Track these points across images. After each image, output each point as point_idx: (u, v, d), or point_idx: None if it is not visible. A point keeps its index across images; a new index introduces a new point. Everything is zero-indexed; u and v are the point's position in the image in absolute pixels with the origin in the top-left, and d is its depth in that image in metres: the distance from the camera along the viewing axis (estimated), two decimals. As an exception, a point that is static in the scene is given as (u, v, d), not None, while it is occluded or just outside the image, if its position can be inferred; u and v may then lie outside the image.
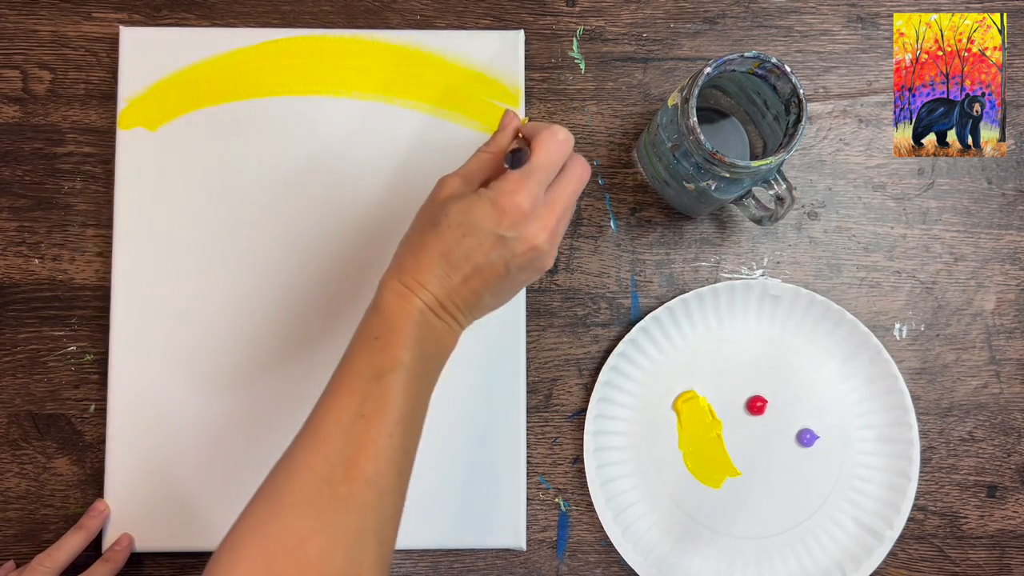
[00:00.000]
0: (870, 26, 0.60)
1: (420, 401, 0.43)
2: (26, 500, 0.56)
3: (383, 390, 0.41)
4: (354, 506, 0.39)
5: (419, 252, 0.43)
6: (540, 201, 0.43)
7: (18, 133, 0.58)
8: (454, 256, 0.42)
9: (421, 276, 0.43)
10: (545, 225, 0.43)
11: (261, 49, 0.57)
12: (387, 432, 0.41)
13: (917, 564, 0.58)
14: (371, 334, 0.43)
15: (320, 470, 0.40)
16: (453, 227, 0.42)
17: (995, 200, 0.59)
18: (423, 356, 0.43)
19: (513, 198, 0.42)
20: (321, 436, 0.41)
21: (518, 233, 0.42)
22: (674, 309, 0.56)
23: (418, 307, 0.42)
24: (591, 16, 0.59)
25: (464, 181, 0.45)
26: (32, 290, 0.57)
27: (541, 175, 0.43)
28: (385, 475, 0.40)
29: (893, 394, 0.56)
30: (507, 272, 0.43)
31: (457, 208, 0.42)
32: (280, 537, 0.39)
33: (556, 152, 0.43)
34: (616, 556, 0.57)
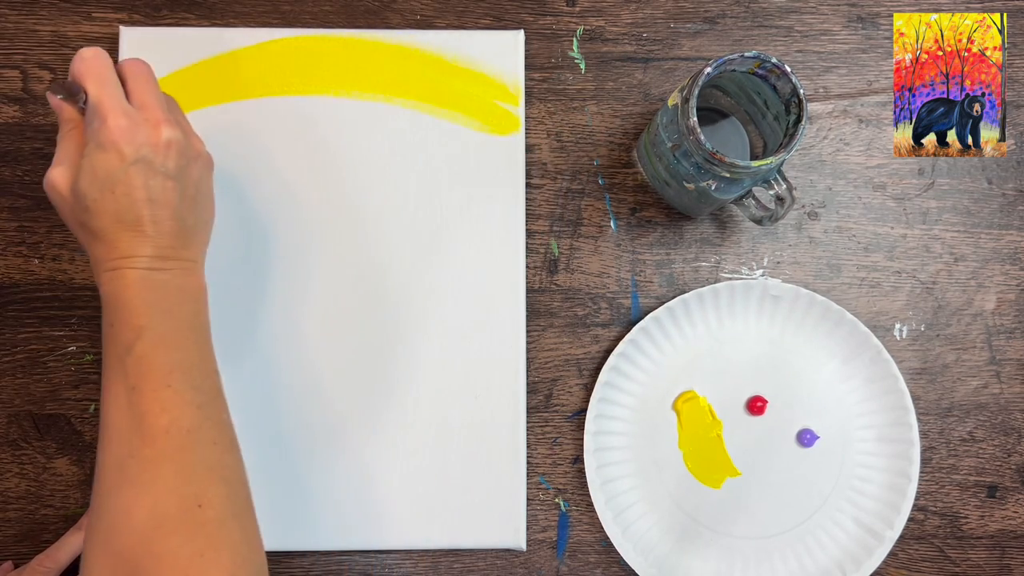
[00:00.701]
0: (870, 26, 0.60)
1: (192, 343, 0.43)
2: (26, 500, 0.56)
3: (138, 357, 0.41)
4: (164, 457, 0.39)
5: (99, 238, 0.42)
6: (131, 111, 0.42)
7: (18, 133, 0.58)
8: (125, 213, 0.42)
9: (117, 251, 0.42)
10: (156, 120, 0.42)
11: (261, 49, 0.57)
12: (163, 384, 0.41)
13: (917, 564, 0.58)
14: (107, 323, 0.42)
15: (119, 451, 0.40)
16: (98, 196, 0.41)
17: (995, 200, 0.59)
18: (167, 310, 0.42)
19: (109, 127, 0.41)
20: (109, 425, 0.41)
21: (142, 144, 0.42)
22: (674, 309, 0.56)
23: (134, 277, 0.42)
24: (591, 16, 0.59)
25: (66, 163, 0.43)
26: (32, 290, 0.57)
27: (106, 92, 0.42)
28: (183, 417, 0.40)
29: (893, 394, 0.56)
30: (176, 182, 0.43)
31: (84, 181, 0.42)
32: (109, 521, 0.39)
33: (94, 66, 0.42)
34: (616, 556, 0.57)
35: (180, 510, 0.39)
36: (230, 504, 0.40)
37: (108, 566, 0.38)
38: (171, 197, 0.43)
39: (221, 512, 0.40)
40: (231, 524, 0.40)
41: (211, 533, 0.39)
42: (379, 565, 0.56)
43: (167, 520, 0.38)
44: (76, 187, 0.42)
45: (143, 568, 0.37)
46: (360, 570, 0.56)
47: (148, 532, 0.38)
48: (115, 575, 0.38)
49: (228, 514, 0.40)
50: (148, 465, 0.39)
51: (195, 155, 0.44)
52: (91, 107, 0.42)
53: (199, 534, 0.39)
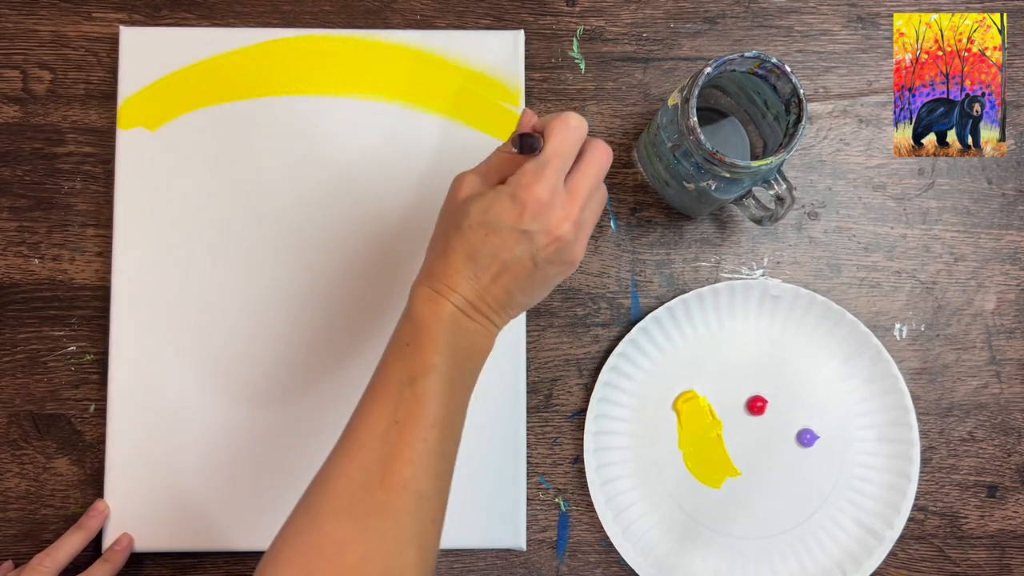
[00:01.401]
0: (870, 26, 0.60)
1: (456, 405, 0.43)
2: (26, 500, 0.56)
3: (416, 395, 0.41)
4: (392, 511, 0.39)
5: (445, 255, 0.43)
6: (560, 190, 0.42)
7: (18, 133, 0.58)
8: (480, 256, 0.42)
9: (450, 280, 0.42)
10: (568, 215, 0.42)
11: (261, 49, 0.57)
12: (422, 436, 0.40)
13: (917, 564, 0.58)
14: (403, 340, 0.42)
15: (356, 477, 0.40)
16: (475, 227, 0.42)
17: (995, 200, 0.59)
18: (456, 359, 0.42)
19: (531, 190, 0.41)
20: (357, 444, 0.41)
21: (540, 225, 0.41)
22: (674, 309, 0.56)
23: (449, 311, 0.42)
24: (591, 16, 0.59)
25: (481, 178, 0.44)
26: (32, 290, 0.57)
27: (556, 162, 0.42)
28: (422, 480, 0.40)
29: (893, 394, 0.56)
30: (535, 266, 0.43)
31: (477, 207, 0.42)
32: (319, 544, 0.39)
33: (569, 137, 0.42)
34: (616, 556, 0.57)
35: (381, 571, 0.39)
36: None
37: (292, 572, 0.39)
38: (521, 275, 0.43)
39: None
40: None
41: None
42: (379, 565, 0.56)
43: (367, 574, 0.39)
44: (469, 201, 0.42)
45: None
46: (360, 570, 0.56)
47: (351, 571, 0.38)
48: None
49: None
50: (377, 510, 0.39)
51: (568, 260, 0.44)
52: (537, 162, 0.42)
53: None
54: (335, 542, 0.39)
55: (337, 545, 0.39)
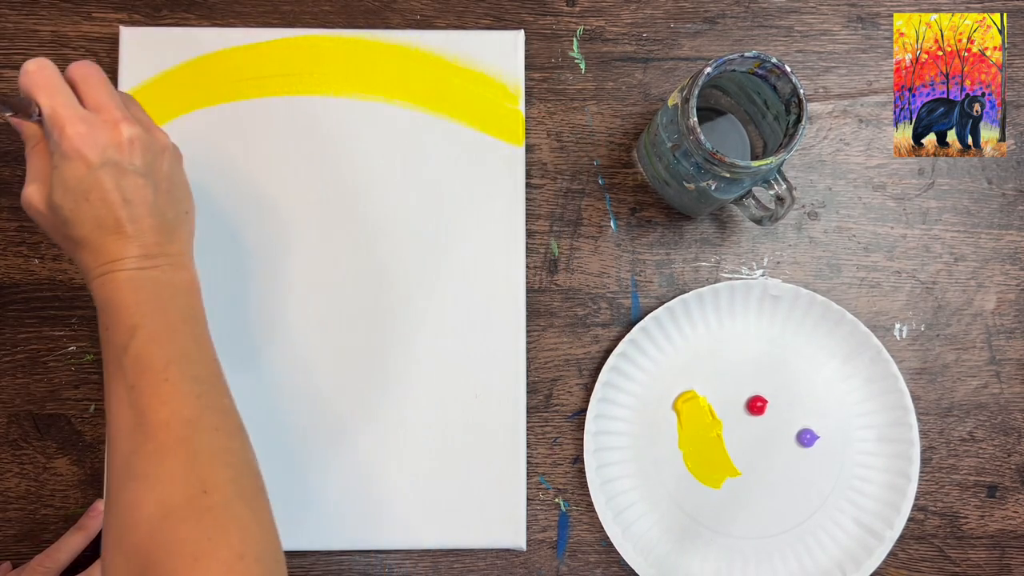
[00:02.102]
0: (870, 26, 0.60)
1: (187, 339, 0.43)
2: (26, 500, 0.56)
3: (134, 355, 0.41)
4: (168, 450, 0.40)
5: (82, 246, 0.42)
6: (88, 116, 0.42)
7: (18, 133, 0.58)
8: (103, 219, 0.42)
9: (104, 257, 0.42)
10: (113, 120, 0.42)
11: (261, 48, 0.57)
12: (161, 379, 0.41)
13: (917, 564, 0.58)
14: (103, 329, 0.43)
15: (125, 448, 0.40)
16: (72, 205, 0.42)
17: (995, 200, 0.59)
18: (159, 308, 0.42)
19: (70, 139, 0.41)
20: (113, 425, 0.41)
21: (106, 148, 0.41)
22: (674, 309, 0.56)
23: (123, 279, 0.42)
24: (591, 16, 0.59)
25: (37, 181, 0.43)
26: (32, 290, 0.57)
27: (59, 101, 0.41)
28: (183, 408, 0.41)
29: (893, 394, 0.56)
30: (146, 176, 0.43)
31: (56, 195, 0.42)
32: (121, 516, 0.39)
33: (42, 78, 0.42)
34: (616, 556, 0.57)
35: (185, 498, 0.39)
36: (236, 487, 0.40)
37: (122, 562, 0.39)
38: (145, 194, 0.43)
39: (227, 496, 0.40)
40: (238, 506, 0.40)
41: (217, 516, 0.39)
42: (379, 565, 0.56)
43: (174, 510, 0.39)
44: (51, 201, 0.42)
45: (154, 559, 0.38)
46: (360, 570, 0.56)
47: (156, 523, 0.38)
48: (129, 569, 0.38)
49: (234, 496, 0.40)
50: (152, 459, 0.40)
51: (161, 148, 0.44)
52: (47, 119, 0.41)
53: (205, 519, 0.39)
54: (128, 505, 0.39)
55: (132, 506, 0.39)
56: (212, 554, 0.38)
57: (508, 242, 0.57)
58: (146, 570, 0.38)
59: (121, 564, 0.39)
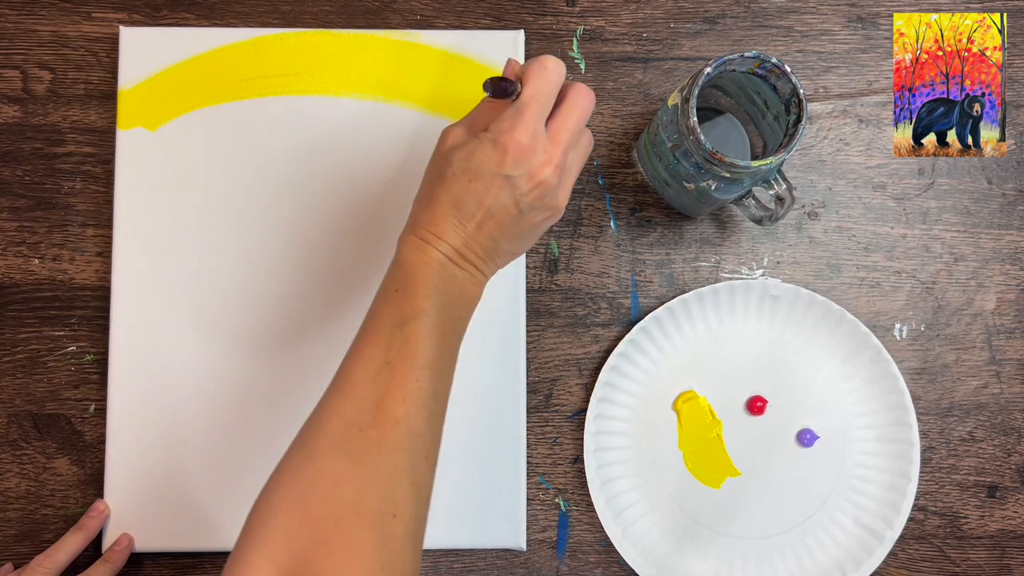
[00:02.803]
0: (870, 26, 0.60)
1: (447, 348, 0.43)
2: (26, 500, 0.56)
3: (407, 337, 0.41)
4: (385, 448, 0.40)
5: (431, 205, 0.43)
6: (541, 134, 0.42)
7: (18, 133, 0.58)
8: (465, 203, 0.42)
9: (436, 228, 0.42)
10: (550, 159, 0.42)
11: (261, 45, 0.57)
12: (414, 376, 0.41)
13: (917, 564, 0.58)
14: (392, 287, 0.43)
15: (349, 416, 0.40)
16: (459, 174, 0.42)
17: (995, 200, 0.59)
18: (445, 304, 0.42)
19: (511, 135, 0.41)
20: (349, 385, 0.41)
21: (523, 170, 0.41)
22: (674, 309, 0.56)
23: (436, 258, 0.42)
24: (591, 16, 0.59)
25: (466, 129, 0.44)
26: (32, 290, 0.57)
27: (535, 106, 0.42)
28: (415, 417, 0.41)
29: (893, 394, 0.56)
30: (519, 212, 0.43)
31: (460, 155, 0.42)
32: (314, 481, 0.39)
33: (545, 80, 0.42)
34: (616, 556, 0.57)
35: (379, 511, 0.39)
36: (416, 527, 0.40)
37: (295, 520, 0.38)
38: (505, 221, 0.43)
39: (409, 531, 0.40)
40: (411, 548, 0.40)
41: (397, 551, 0.39)
42: (379, 565, 0.56)
43: (366, 514, 0.38)
44: (455, 150, 0.42)
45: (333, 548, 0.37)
46: (360, 570, 0.56)
47: (348, 515, 0.38)
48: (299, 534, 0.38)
49: (413, 536, 0.40)
50: (371, 447, 0.39)
51: (552, 206, 0.44)
52: (515, 107, 0.42)
53: (388, 546, 0.39)
54: (330, 478, 0.39)
55: (332, 480, 0.39)
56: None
57: (508, 242, 0.57)
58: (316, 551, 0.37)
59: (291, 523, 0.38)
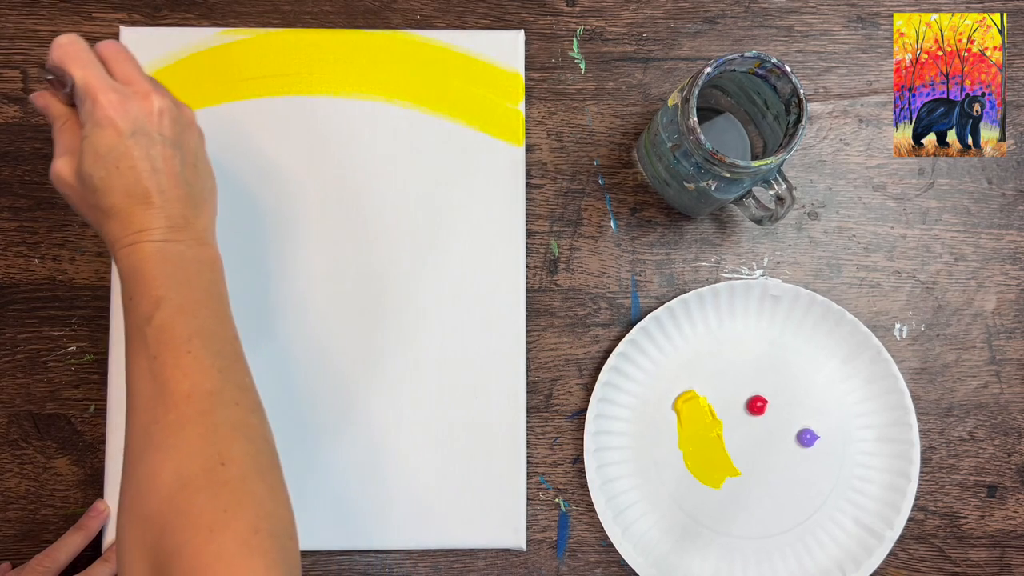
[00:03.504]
0: (870, 26, 0.60)
1: (208, 314, 0.43)
2: (26, 500, 0.56)
3: (158, 327, 0.41)
4: (188, 421, 0.40)
5: (110, 215, 0.43)
6: (118, 86, 0.43)
7: (18, 133, 0.58)
8: (133, 187, 0.42)
9: (134, 226, 0.43)
10: (144, 91, 0.43)
11: (261, 44, 0.57)
12: (184, 351, 0.41)
13: (917, 564, 0.58)
14: (126, 297, 0.43)
15: (145, 418, 0.41)
16: (105, 175, 0.42)
17: (995, 200, 0.59)
18: (186, 280, 0.43)
19: (103, 109, 0.42)
20: (133, 394, 0.42)
21: (137, 118, 0.42)
22: (674, 309, 0.56)
23: (151, 249, 0.43)
24: (591, 16, 0.59)
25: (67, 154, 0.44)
26: (32, 290, 0.57)
27: (92, 73, 0.42)
28: (204, 381, 0.41)
29: (893, 394, 0.56)
30: (174, 151, 0.43)
31: (87, 161, 0.42)
32: (139, 489, 0.40)
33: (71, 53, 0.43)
34: (616, 556, 0.57)
35: (203, 469, 0.39)
36: (253, 462, 0.41)
37: (137, 529, 0.39)
38: (173, 164, 0.44)
39: (244, 469, 0.40)
40: (255, 481, 0.40)
41: (234, 489, 0.39)
42: (379, 565, 0.56)
43: (191, 480, 0.39)
44: (81, 171, 0.43)
45: (170, 527, 0.38)
46: (360, 570, 0.56)
47: (173, 492, 0.38)
48: (144, 537, 0.38)
49: (252, 471, 0.40)
50: (172, 429, 0.40)
51: (188, 122, 0.45)
52: (80, 89, 0.42)
53: (222, 491, 0.39)
54: (149, 476, 0.39)
55: (151, 476, 0.39)
56: (227, 526, 0.38)
57: (508, 242, 0.57)
58: (161, 539, 0.38)
59: (136, 533, 0.39)
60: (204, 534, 0.37)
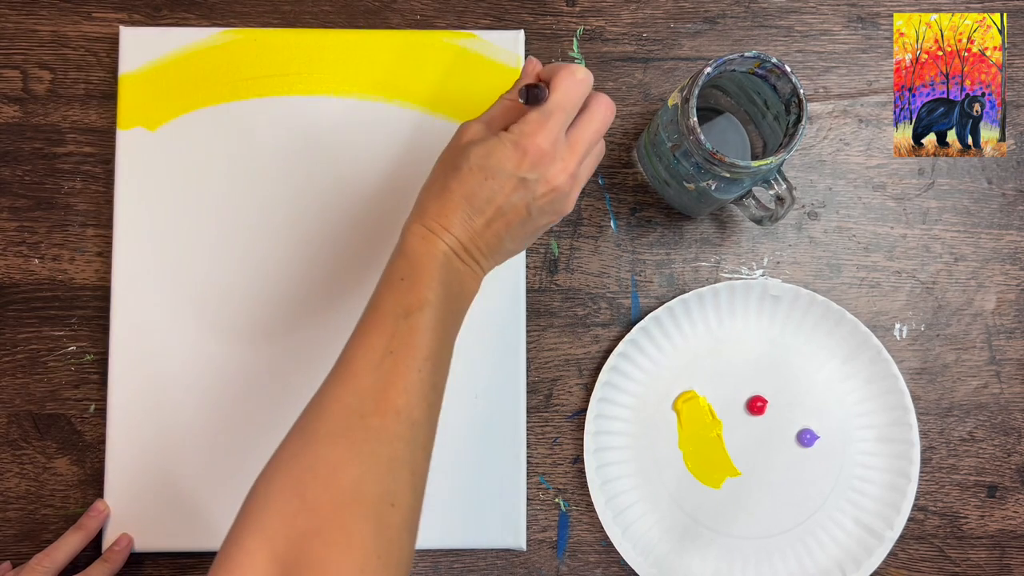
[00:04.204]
0: (870, 26, 0.60)
1: (446, 340, 0.43)
2: (26, 500, 0.56)
3: (411, 328, 0.41)
4: (385, 437, 0.40)
5: (442, 195, 0.43)
6: (561, 141, 0.42)
7: (18, 133, 0.58)
8: (477, 199, 0.42)
9: (444, 219, 0.43)
10: (566, 167, 0.43)
11: (261, 44, 0.57)
12: (416, 367, 0.41)
13: (917, 564, 0.58)
14: (397, 275, 0.43)
15: (351, 404, 0.40)
16: (475, 170, 0.42)
17: (995, 200, 0.59)
18: (448, 296, 0.43)
19: (534, 139, 0.42)
20: (351, 372, 0.41)
21: (539, 175, 0.42)
22: (674, 309, 0.56)
23: (442, 249, 0.42)
24: (591, 16, 0.59)
25: (485, 126, 0.44)
26: (32, 290, 0.57)
27: (560, 115, 0.42)
28: (416, 408, 0.41)
29: (893, 394, 0.56)
30: (528, 215, 0.43)
31: (478, 151, 0.42)
32: (313, 467, 0.39)
33: (575, 90, 0.43)
34: (616, 556, 0.57)
35: (378, 499, 0.39)
36: (412, 516, 0.41)
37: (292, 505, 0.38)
38: (514, 221, 0.44)
39: (406, 520, 0.40)
40: (407, 537, 0.40)
41: (394, 539, 0.39)
42: (379, 565, 0.56)
43: (365, 502, 0.38)
44: (471, 146, 0.43)
45: (328, 534, 0.37)
46: (360, 570, 0.56)
47: (346, 502, 0.38)
48: (295, 519, 0.38)
49: (409, 525, 0.40)
50: (372, 435, 0.39)
51: (560, 211, 0.45)
52: (541, 111, 0.42)
53: (384, 534, 0.38)
54: (329, 465, 0.39)
55: (331, 467, 0.39)
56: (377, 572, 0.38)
57: (508, 242, 0.57)
58: (312, 538, 0.37)
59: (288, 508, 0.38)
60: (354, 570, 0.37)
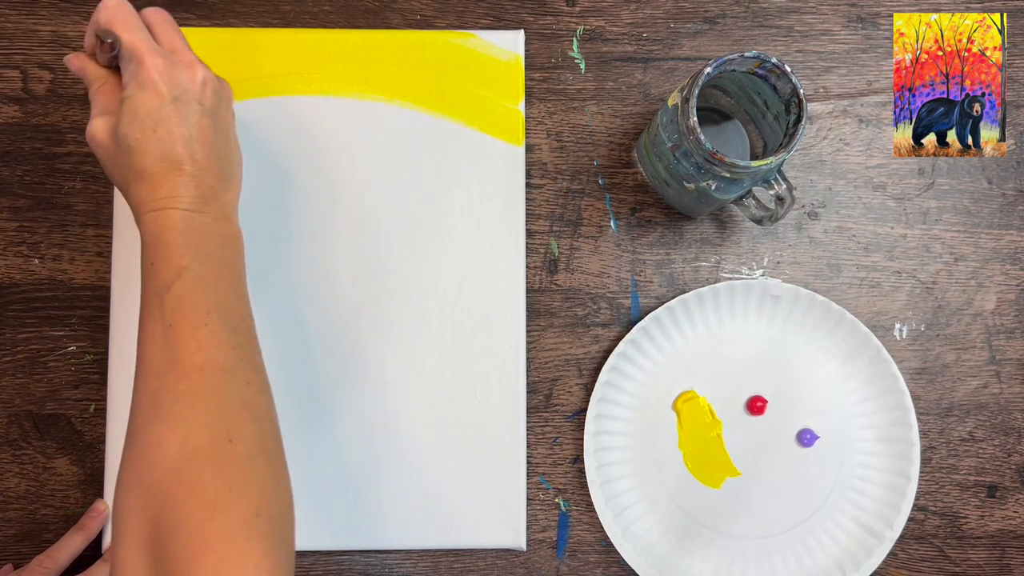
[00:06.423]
0: (870, 26, 0.60)
1: (227, 289, 0.43)
2: (26, 500, 0.56)
3: (178, 296, 0.41)
4: (199, 393, 0.40)
5: (141, 179, 0.43)
6: (164, 51, 0.43)
7: (18, 133, 0.58)
8: (168, 151, 0.43)
9: (162, 191, 0.43)
10: (189, 60, 0.44)
11: (261, 44, 0.57)
12: (201, 323, 0.41)
13: (917, 564, 0.58)
14: (147, 263, 0.43)
15: (154, 386, 0.40)
16: (141, 137, 0.42)
17: (995, 200, 0.59)
18: (206, 252, 0.43)
19: (148, 71, 0.42)
20: (146, 361, 0.41)
21: (180, 84, 0.43)
22: (674, 309, 0.56)
23: (179, 217, 0.42)
24: (591, 16, 0.59)
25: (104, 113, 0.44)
26: (32, 290, 0.57)
27: (138, 36, 0.43)
28: (219, 355, 0.41)
29: (893, 394, 0.56)
30: (211, 118, 0.44)
31: (125, 122, 0.43)
32: (143, 454, 0.39)
33: (119, 13, 0.43)
34: (616, 556, 0.57)
35: (211, 444, 0.39)
36: (259, 442, 0.41)
37: (138, 498, 0.38)
38: (208, 135, 0.44)
39: (251, 449, 0.40)
40: (260, 461, 0.40)
41: (240, 468, 0.39)
42: (379, 565, 0.56)
43: (198, 453, 0.38)
44: (117, 132, 0.43)
45: (173, 499, 0.38)
46: (360, 570, 0.56)
47: (179, 464, 0.38)
48: (144, 506, 0.38)
49: (257, 451, 0.40)
50: (182, 399, 0.40)
51: (227, 98, 0.46)
52: (126, 51, 0.43)
53: (228, 468, 0.39)
54: (154, 443, 0.39)
55: (156, 444, 0.39)
56: (231, 506, 0.38)
57: (508, 242, 0.57)
58: (162, 510, 0.37)
59: (136, 501, 0.38)
60: (207, 511, 0.37)
